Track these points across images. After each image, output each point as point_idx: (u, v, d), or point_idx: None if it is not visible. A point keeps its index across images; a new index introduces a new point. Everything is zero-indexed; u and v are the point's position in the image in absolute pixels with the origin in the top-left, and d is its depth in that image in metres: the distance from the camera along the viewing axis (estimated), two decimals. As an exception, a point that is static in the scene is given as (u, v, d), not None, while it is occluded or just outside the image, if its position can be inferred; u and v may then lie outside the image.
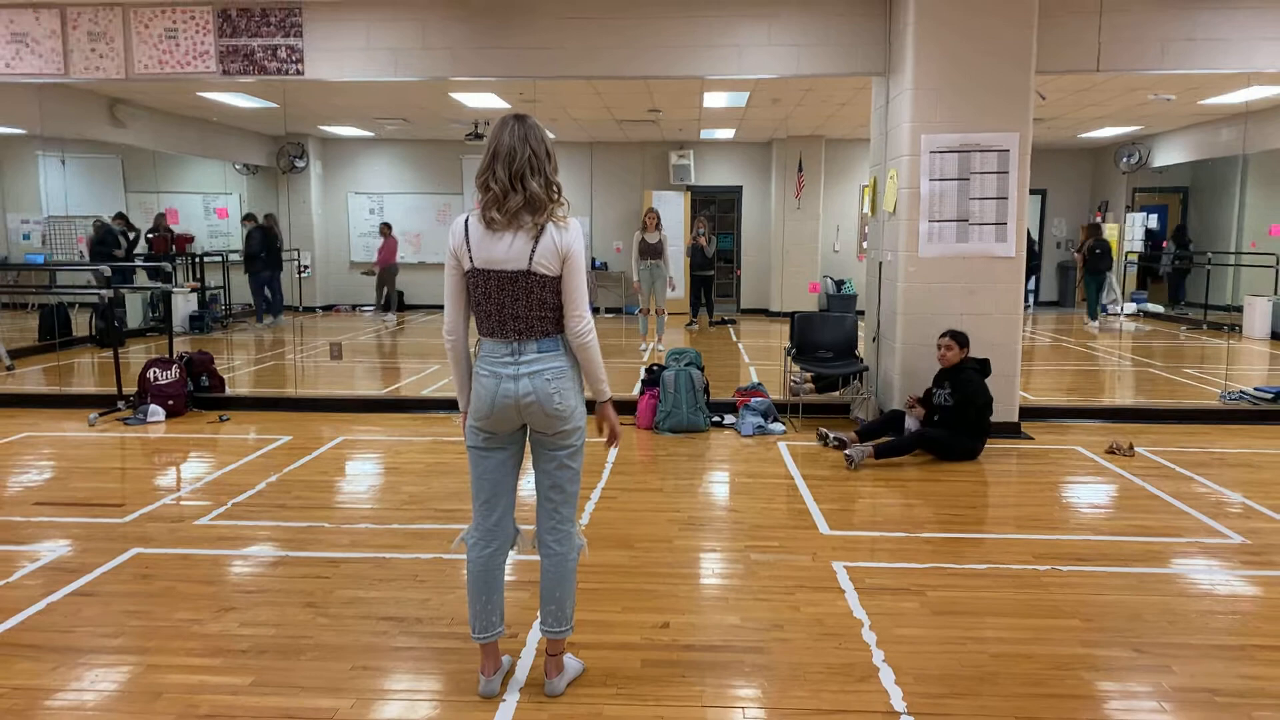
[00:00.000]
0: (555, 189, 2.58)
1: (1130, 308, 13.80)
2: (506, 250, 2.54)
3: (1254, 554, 3.97)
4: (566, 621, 2.77)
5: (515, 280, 2.55)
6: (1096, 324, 12.75)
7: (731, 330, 12.80)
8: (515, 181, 2.51)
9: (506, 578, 3.54)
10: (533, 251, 2.53)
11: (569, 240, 2.57)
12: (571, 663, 2.90)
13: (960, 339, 5.66)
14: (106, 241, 10.15)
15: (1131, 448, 5.77)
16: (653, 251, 10.57)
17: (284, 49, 6.56)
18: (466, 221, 2.59)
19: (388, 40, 6.59)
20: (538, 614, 2.95)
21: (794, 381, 7.07)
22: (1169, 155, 12.93)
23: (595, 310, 12.55)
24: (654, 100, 10.48)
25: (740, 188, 15.14)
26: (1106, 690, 2.80)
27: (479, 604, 2.75)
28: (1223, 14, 6.23)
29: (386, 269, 13.43)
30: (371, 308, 13.76)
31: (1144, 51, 6.31)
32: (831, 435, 5.95)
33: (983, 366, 5.68)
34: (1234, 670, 2.92)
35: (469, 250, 2.58)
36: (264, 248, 11.94)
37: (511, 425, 2.68)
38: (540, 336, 2.61)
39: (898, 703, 2.71)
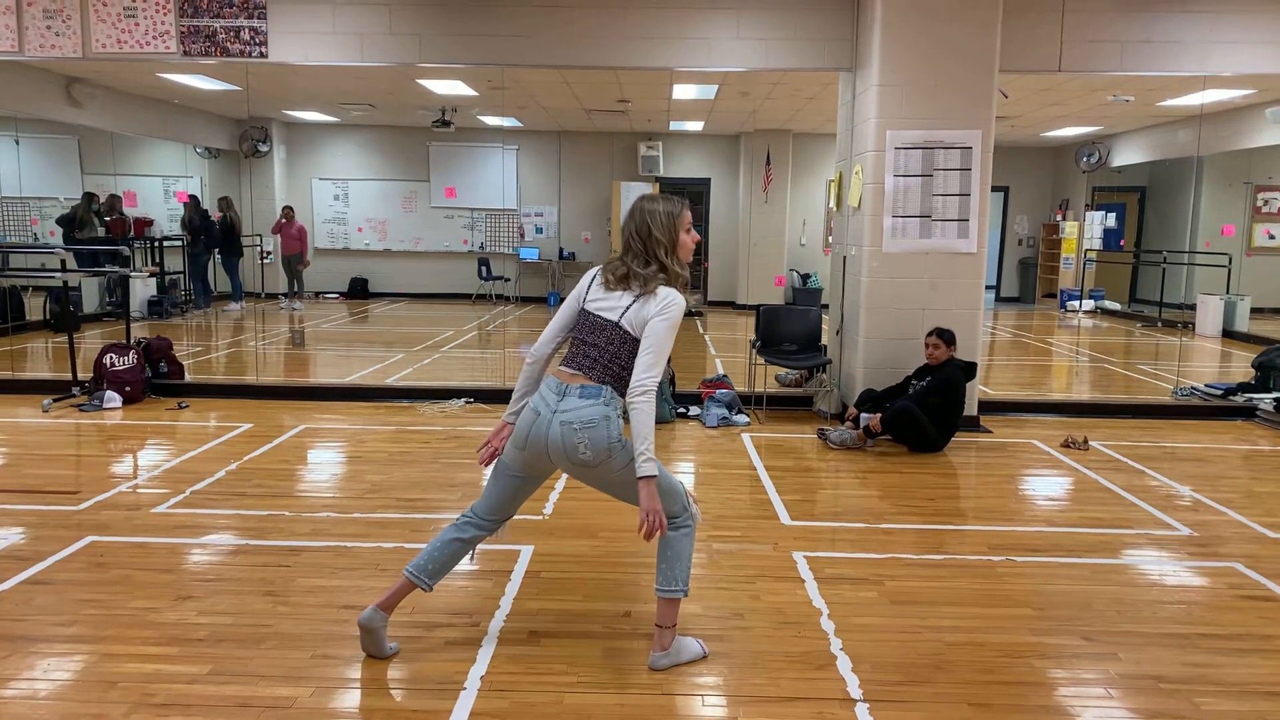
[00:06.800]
0: (664, 267, 2.79)
1: (1088, 305, 14.07)
2: (608, 299, 2.81)
3: (1201, 545, 4.08)
4: (671, 582, 2.82)
5: (605, 327, 2.77)
6: None
7: (698, 322, 12.84)
8: (631, 257, 2.82)
9: (475, 567, 3.59)
10: (626, 309, 2.75)
11: (650, 312, 2.71)
12: (688, 645, 2.92)
13: (947, 337, 5.72)
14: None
15: (1086, 441, 5.89)
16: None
17: (247, 30, 6.45)
18: (594, 276, 2.90)
19: (354, 24, 6.51)
20: (491, 615, 2.93)
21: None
22: (1127, 155, 13.18)
23: (561, 299, 12.53)
24: (623, 91, 10.46)
25: (708, 180, 15.17)
26: (1056, 677, 2.87)
27: (432, 550, 2.88)
28: (1179, 18, 6.37)
29: (289, 257, 13.04)
30: (285, 296, 13.27)
31: (1104, 52, 6.43)
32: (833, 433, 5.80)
33: (968, 369, 5.74)
34: (1179, 658, 3.00)
35: (586, 294, 2.88)
36: (203, 229, 11.72)
37: (540, 470, 2.86)
38: (589, 381, 2.74)
39: (854, 690, 2.76)
